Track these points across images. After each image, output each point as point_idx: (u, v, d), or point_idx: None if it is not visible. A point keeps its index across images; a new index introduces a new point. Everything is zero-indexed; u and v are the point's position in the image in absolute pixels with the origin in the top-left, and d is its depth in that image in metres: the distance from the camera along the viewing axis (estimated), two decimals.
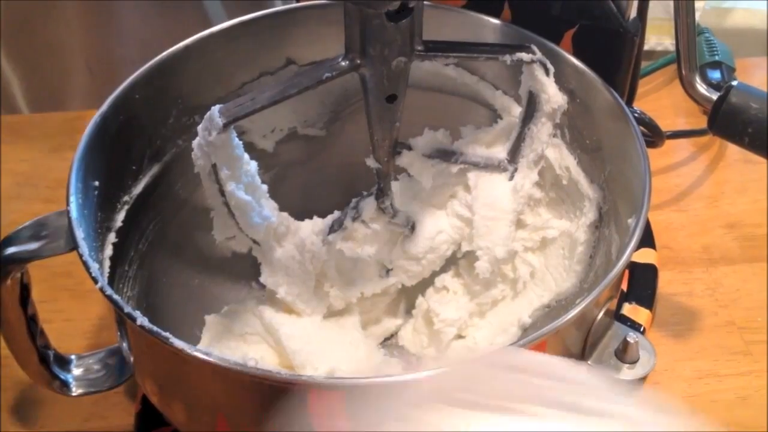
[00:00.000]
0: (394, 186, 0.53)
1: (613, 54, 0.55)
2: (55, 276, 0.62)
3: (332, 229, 0.54)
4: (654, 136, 0.61)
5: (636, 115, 0.51)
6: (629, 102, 0.61)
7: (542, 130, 0.51)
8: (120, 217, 0.50)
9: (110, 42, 0.92)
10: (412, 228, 0.54)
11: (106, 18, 0.90)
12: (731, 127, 0.52)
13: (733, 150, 0.75)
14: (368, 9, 0.41)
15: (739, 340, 0.62)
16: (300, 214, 0.55)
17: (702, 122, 0.55)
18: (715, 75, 0.76)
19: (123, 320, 0.45)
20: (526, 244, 0.56)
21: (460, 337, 0.57)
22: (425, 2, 0.43)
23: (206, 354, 0.39)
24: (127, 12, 0.90)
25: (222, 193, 0.48)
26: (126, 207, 0.51)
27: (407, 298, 0.60)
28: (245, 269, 0.58)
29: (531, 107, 0.51)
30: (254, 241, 0.53)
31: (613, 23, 0.54)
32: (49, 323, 0.50)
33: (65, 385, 0.51)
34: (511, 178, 0.53)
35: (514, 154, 0.53)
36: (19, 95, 0.95)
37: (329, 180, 0.63)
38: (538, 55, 0.49)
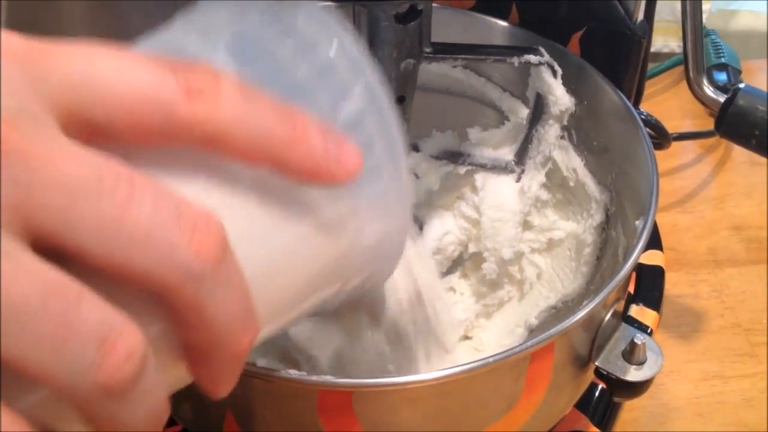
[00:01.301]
0: None
1: (620, 56, 0.56)
2: None
3: None
4: (660, 137, 0.61)
5: (642, 116, 0.51)
6: (636, 104, 0.61)
7: (549, 131, 0.51)
8: None
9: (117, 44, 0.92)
10: (420, 229, 0.54)
11: (113, 19, 0.91)
12: (738, 129, 0.52)
13: (739, 152, 0.75)
14: (377, 11, 0.41)
15: (745, 342, 0.62)
16: None
17: (708, 124, 0.55)
18: (722, 77, 0.76)
19: None
20: (533, 245, 0.56)
21: (466, 338, 0.57)
22: (433, 4, 0.43)
23: None
24: (134, 13, 0.90)
25: None
26: None
27: None
28: None
29: (538, 109, 0.51)
30: None
31: (620, 25, 0.55)
32: None
33: None
34: (519, 179, 0.53)
35: (521, 156, 0.53)
36: None
37: None
38: (546, 57, 0.49)
